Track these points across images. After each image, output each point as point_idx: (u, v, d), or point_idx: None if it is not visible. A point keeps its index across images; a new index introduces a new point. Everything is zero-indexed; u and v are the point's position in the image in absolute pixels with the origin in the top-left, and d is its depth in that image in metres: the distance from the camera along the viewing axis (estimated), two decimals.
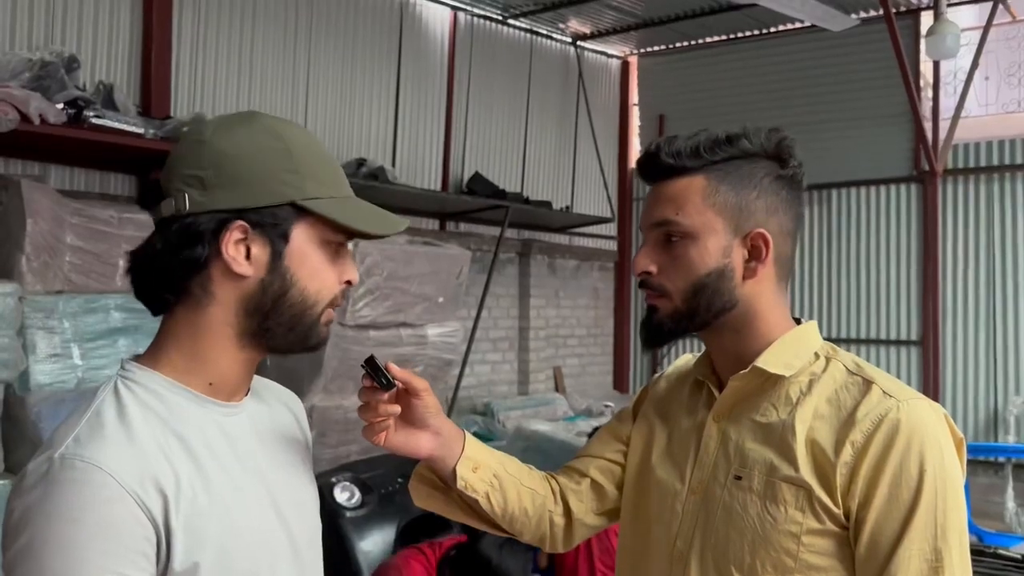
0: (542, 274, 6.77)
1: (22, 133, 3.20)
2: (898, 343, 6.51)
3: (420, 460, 1.21)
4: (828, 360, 1.16)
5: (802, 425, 1.10)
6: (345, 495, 3.34)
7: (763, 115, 6.31)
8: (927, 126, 5.99)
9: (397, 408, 1.10)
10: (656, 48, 7.39)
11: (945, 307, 6.30)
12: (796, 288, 6.85)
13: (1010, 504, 5.57)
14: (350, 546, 3.23)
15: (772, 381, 1.15)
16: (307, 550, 1.07)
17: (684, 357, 1.36)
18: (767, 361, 1.14)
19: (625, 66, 7.64)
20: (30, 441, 3.00)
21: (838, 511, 1.06)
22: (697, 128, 1.19)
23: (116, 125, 3.57)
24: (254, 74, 4.84)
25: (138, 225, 3.37)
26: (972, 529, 4.33)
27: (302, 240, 0.99)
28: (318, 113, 5.19)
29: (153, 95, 4.27)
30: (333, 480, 3.36)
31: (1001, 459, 5.80)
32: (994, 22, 5.83)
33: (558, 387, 6.86)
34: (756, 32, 6.88)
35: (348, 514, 3.28)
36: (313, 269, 1.00)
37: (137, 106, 4.11)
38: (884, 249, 6.58)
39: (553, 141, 6.91)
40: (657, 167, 1.17)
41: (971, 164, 6.32)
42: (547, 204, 6.27)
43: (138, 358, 1.00)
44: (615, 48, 7.40)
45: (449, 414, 5.11)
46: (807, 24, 6.05)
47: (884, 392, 1.09)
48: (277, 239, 0.97)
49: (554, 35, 6.83)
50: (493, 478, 1.22)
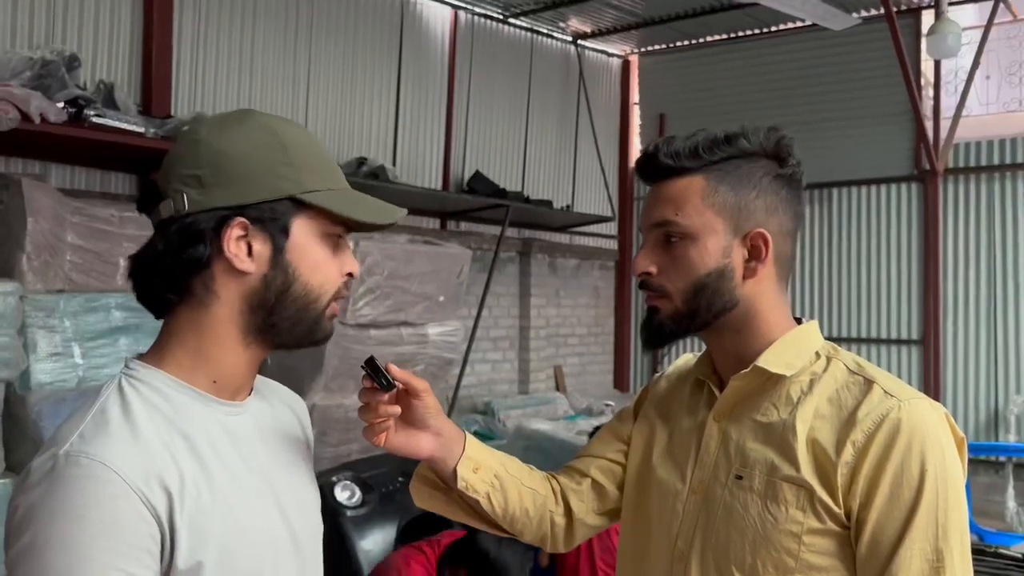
0: (543, 273, 6.77)
1: (23, 132, 3.20)
2: (899, 342, 6.50)
3: (421, 461, 1.21)
4: (829, 360, 1.16)
5: (803, 425, 1.10)
6: (346, 494, 3.34)
7: (764, 114, 6.31)
8: (928, 125, 5.98)
9: (397, 409, 1.10)
10: (657, 47, 7.39)
11: (946, 306, 6.29)
12: (797, 287, 6.84)
13: (1011, 503, 5.57)
14: (351, 545, 3.23)
15: (773, 381, 1.15)
16: (309, 549, 1.07)
17: (685, 357, 1.36)
18: (768, 361, 1.14)
19: (626, 65, 7.64)
20: (31, 440, 3.00)
21: (839, 511, 1.06)
22: (698, 127, 1.18)
23: (117, 124, 3.56)
24: (255, 73, 4.84)
25: (139, 224, 3.36)
26: (973, 528, 4.32)
27: (302, 234, 0.99)
28: (319, 112, 5.19)
29: (154, 94, 4.26)
30: (334, 479, 3.36)
31: (1002, 458, 5.80)
32: (995, 21, 5.82)
33: (559, 386, 6.85)
34: (757, 31, 6.88)
35: (349, 513, 3.28)
36: (315, 262, 1.00)
37: (138, 105, 4.11)
38: (885, 248, 6.57)
39: (554, 140, 6.91)
40: (656, 168, 1.17)
41: (972, 163, 6.31)
42: (548, 203, 6.27)
43: (142, 357, 1.00)
44: (616, 47, 7.40)
45: (450, 413, 5.13)
46: (808, 23, 6.05)
47: (885, 392, 1.09)
48: (278, 234, 0.97)
49: (555, 34, 6.82)
50: (494, 478, 1.22)
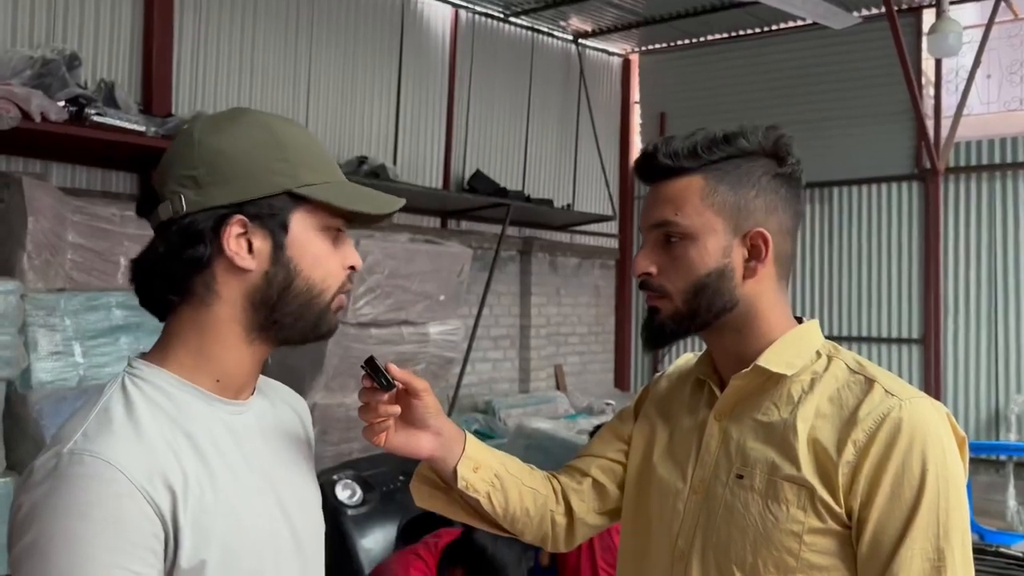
0: (543, 272, 6.77)
1: (23, 131, 3.20)
2: (900, 341, 6.50)
3: (421, 460, 1.21)
4: (830, 359, 1.16)
5: (804, 424, 1.10)
6: (347, 493, 3.35)
7: (765, 113, 6.31)
8: (929, 124, 5.97)
9: (397, 409, 1.10)
10: (657, 46, 7.38)
11: (947, 305, 6.29)
12: (797, 286, 6.84)
13: (1011, 502, 5.57)
14: (351, 544, 3.23)
15: (774, 380, 1.15)
16: (310, 548, 1.07)
17: (685, 356, 1.36)
18: (769, 360, 1.14)
19: (626, 64, 7.63)
20: (32, 439, 3.00)
21: (840, 510, 1.06)
22: (698, 126, 1.18)
23: (117, 123, 3.56)
24: (255, 72, 4.84)
25: (139, 223, 3.31)
26: (974, 527, 4.33)
27: (302, 228, 0.98)
28: (319, 111, 5.19)
29: (154, 93, 4.26)
30: (335, 478, 3.37)
31: (1002, 457, 5.80)
32: (996, 20, 5.81)
33: (559, 385, 6.85)
34: (758, 30, 6.87)
35: (350, 512, 3.29)
36: (316, 257, 0.99)
37: (138, 104, 4.11)
38: (886, 247, 6.57)
39: (554, 139, 6.90)
40: (655, 168, 1.17)
41: (973, 162, 6.30)
42: (548, 202, 6.26)
43: (145, 356, 1.00)
44: (616, 46, 7.39)
45: (450, 412, 5.13)
46: (809, 22, 6.04)
47: (886, 391, 1.09)
48: (277, 229, 0.97)
49: (555, 33, 6.82)
50: (494, 478, 1.22)
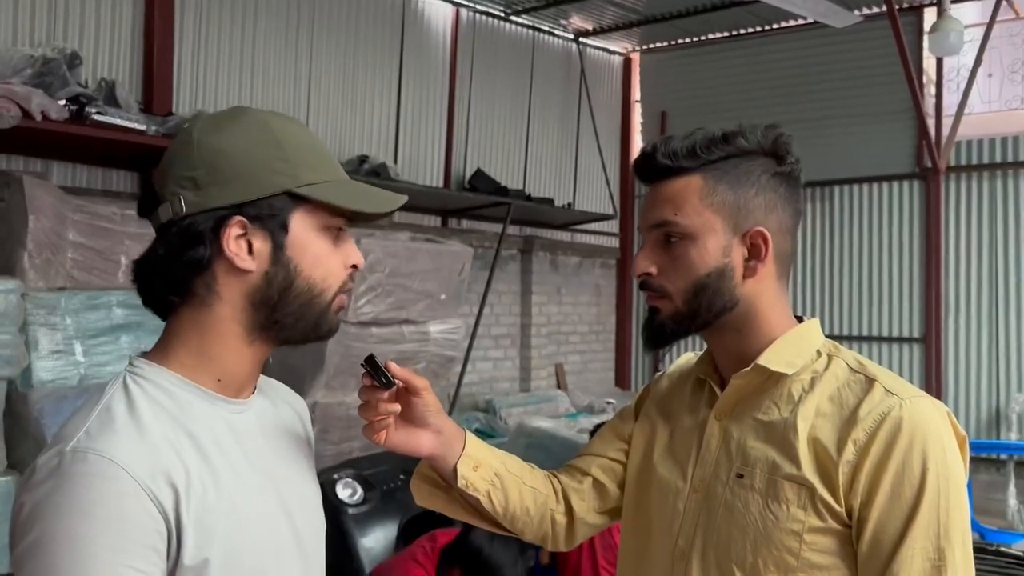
0: (544, 271, 6.77)
1: (24, 130, 3.20)
2: (900, 340, 6.50)
3: (421, 459, 1.21)
4: (830, 358, 1.16)
5: (804, 423, 1.10)
6: (347, 491, 3.35)
7: (766, 112, 6.30)
8: (930, 123, 5.97)
9: (397, 407, 1.10)
10: (658, 44, 7.37)
11: (948, 304, 6.29)
12: (798, 285, 6.84)
13: (1012, 501, 5.57)
14: (352, 542, 3.24)
15: (774, 379, 1.14)
16: (312, 546, 1.07)
17: (686, 355, 1.36)
18: (769, 359, 1.14)
19: (627, 63, 7.63)
20: (32, 438, 3.00)
21: (840, 509, 1.06)
22: (699, 125, 1.18)
23: (118, 122, 3.56)
24: (256, 70, 4.84)
25: (140, 222, 3.32)
26: (974, 527, 4.33)
27: (302, 228, 0.98)
28: (320, 110, 5.19)
29: (155, 91, 4.26)
30: (335, 476, 3.37)
31: (1003, 456, 5.80)
32: (997, 19, 5.81)
33: (560, 384, 6.85)
34: (759, 28, 6.86)
35: (350, 510, 3.29)
36: (316, 257, 0.99)
37: (139, 103, 4.11)
38: (887, 246, 6.57)
39: (555, 138, 6.90)
40: (654, 168, 1.17)
41: (974, 161, 6.30)
42: (549, 201, 6.26)
43: (146, 355, 1.00)
44: (617, 45, 7.39)
45: (451, 411, 5.13)
46: (810, 20, 6.04)
47: (886, 390, 1.09)
48: (277, 230, 0.97)
49: (556, 32, 6.81)
50: (494, 477, 1.22)
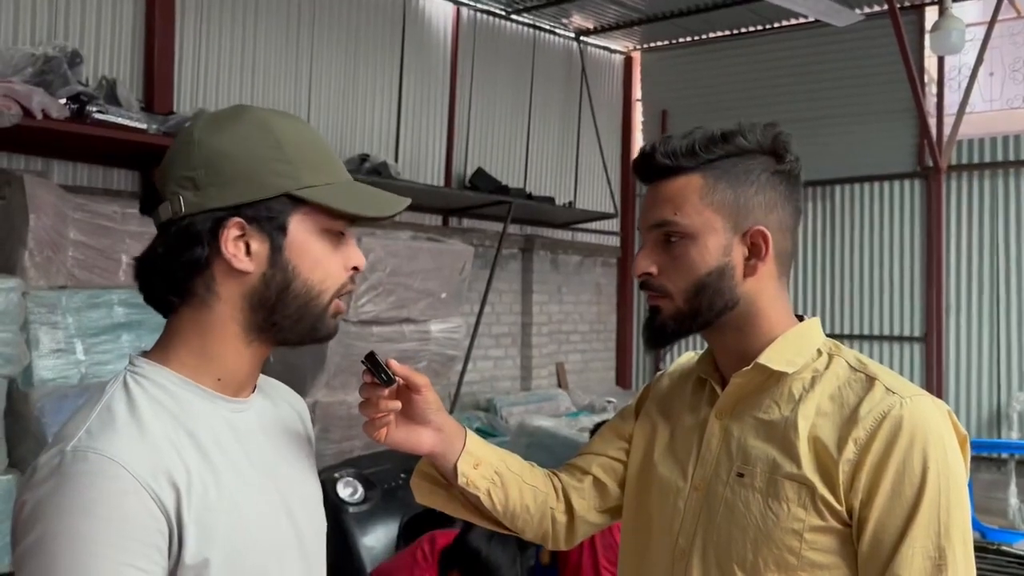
0: (545, 270, 6.77)
1: (25, 128, 3.20)
2: (901, 339, 6.50)
3: (421, 456, 1.21)
4: (831, 357, 1.16)
5: (805, 422, 1.10)
6: (348, 490, 3.35)
7: (767, 110, 6.30)
8: (931, 122, 5.96)
9: (398, 404, 1.10)
10: (659, 43, 7.37)
11: (949, 303, 6.29)
12: (799, 284, 6.83)
13: (1013, 500, 5.57)
14: (353, 541, 3.24)
15: (775, 378, 1.14)
16: (313, 545, 1.07)
17: (687, 355, 1.36)
18: (770, 358, 1.14)
19: (628, 61, 7.62)
20: (34, 436, 3.00)
21: (841, 508, 1.06)
22: (700, 124, 1.18)
23: (119, 120, 3.57)
24: (257, 69, 4.84)
25: (141, 220, 3.33)
26: (975, 525, 4.33)
27: (301, 231, 0.98)
28: (321, 108, 5.19)
29: (156, 90, 4.26)
30: (336, 475, 3.37)
31: (1004, 455, 5.80)
32: (999, 17, 5.80)
33: (561, 383, 6.85)
34: (760, 27, 6.86)
35: (351, 509, 3.29)
36: (315, 259, 0.99)
37: (140, 101, 4.12)
38: (887, 245, 6.56)
39: (556, 136, 6.90)
40: (653, 167, 1.17)
41: (975, 160, 6.30)
42: (550, 200, 6.26)
43: (146, 354, 1.00)
44: (618, 43, 7.39)
45: (452, 410, 5.13)
46: (811, 19, 6.03)
47: (887, 389, 1.09)
48: (275, 232, 0.96)
49: (557, 30, 6.81)
50: (495, 475, 1.22)
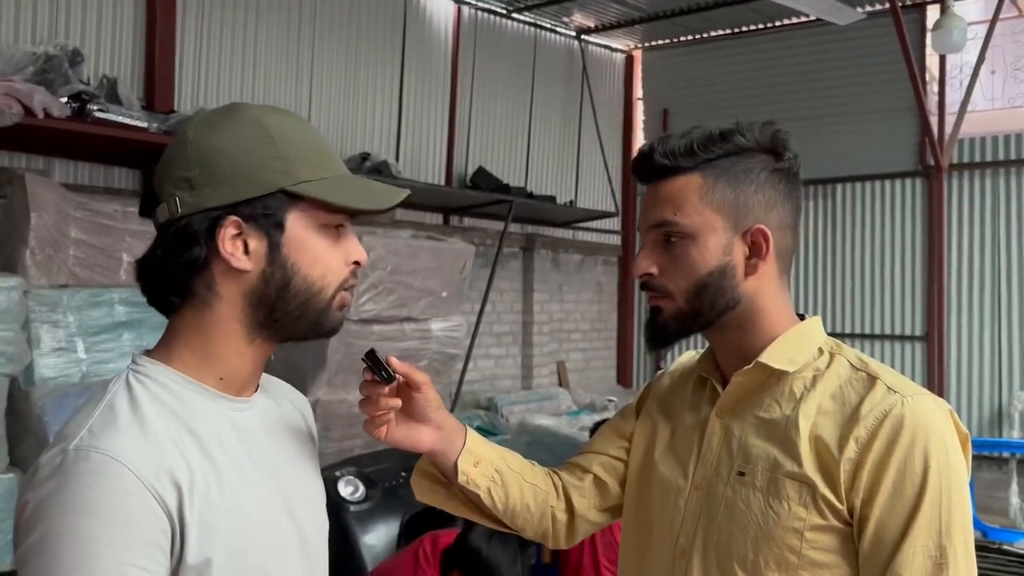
0: (546, 268, 6.76)
1: (26, 127, 3.20)
2: (903, 338, 6.49)
3: (421, 454, 1.21)
4: (832, 356, 1.15)
5: (806, 421, 1.10)
6: (349, 489, 3.35)
7: (767, 109, 6.29)
8: (933, 120, 5.96)
9: (398, 402, 1.10)
10: (660, 42, 7.37)
11: (950, 302, 6.28)
12: (800, 283, 6.83)
13: (1014, 500, 5.57)
14: (354, 540, 3.24)
15: (776, 377, 1.14)
16: (315, 544, 1.07)
17: (688, 354, 1.36)
18: (771, 357, 1.13)
19: (629, 60, 7.62)
20: (35, 435, 3.00)
21: (842, 507, 1.06)
22: (701, 122, 1.18)
23: (120, 119, 3.57)
24: (258, 68, 4.84)
25: (142, 219, 3.35)
26: (976, 525, 4.33)
27: (298, 227, 0.97)
28: (322, 107, 5.19)
29: (157, 89, 4.27)
30: (337, 474, 3.37)
31: (1005, 454, 5.80)
32: (1000, 16, 5.79)
33: (561, 382, 6.85)
34: (761, 26, 6.86)
35: (352, 508, 3.29)
36: (314, 255, 0.98)
37: (141, 100, 4.12)
38: (889, 244, 6.56)
39: (557, 135, 6.90)
40: (652, 167, 1.16)
41: (977, 159, 6.29)
42: (551, 198, 6.26)
43: (149, 353, 1.00)
44: (619, 42, 7.38)
45: (452, 409, 5.13)
46: (812, 18, 6.03)
47: (888, 388, 1.08)
48: (272, 229, 0.96)
49: (558, 29, 6.81)
50: (495, 473, 1.21)
